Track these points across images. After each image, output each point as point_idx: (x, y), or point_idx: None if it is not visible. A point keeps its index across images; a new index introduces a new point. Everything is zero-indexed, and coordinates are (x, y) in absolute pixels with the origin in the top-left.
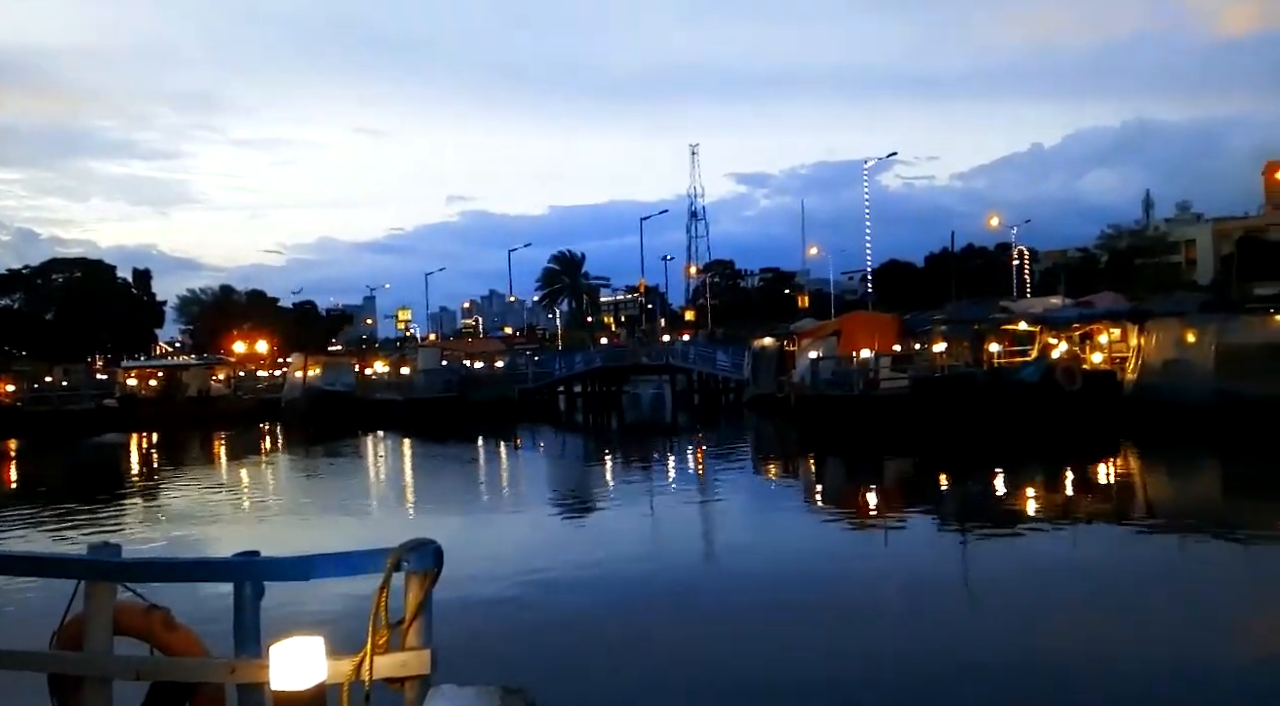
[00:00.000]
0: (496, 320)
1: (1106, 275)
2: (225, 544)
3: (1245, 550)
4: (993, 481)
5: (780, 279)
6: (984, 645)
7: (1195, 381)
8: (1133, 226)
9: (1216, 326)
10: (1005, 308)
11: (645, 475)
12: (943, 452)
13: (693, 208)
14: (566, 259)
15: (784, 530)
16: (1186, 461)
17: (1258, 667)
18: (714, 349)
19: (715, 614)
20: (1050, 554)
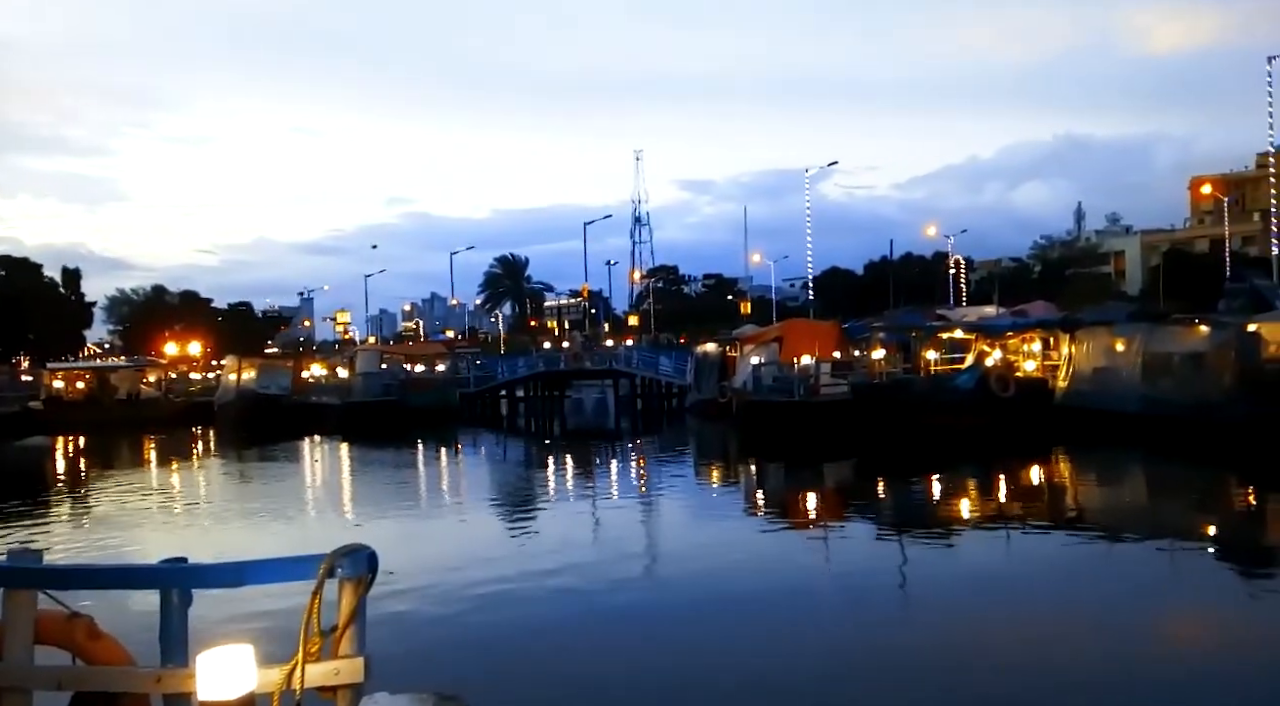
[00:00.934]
0: (438, 323)
1: (1039, 285)
2: (152, 550)
3: (1169, 555)
4: (929, 486)
5: (723, 285)
6: (914, 646)
7: (1123, 389)
8: (1064, 237)
9: (1143, 335)
10: (942, 316)
11: (587, 481)
12: (881, 457)
13: (637, 213)
14: (509, 262)
15: (723, 536)
16: (1113, 466)
17: (1170, 664)
18: (657, 354)
19: (649, 621)
20: (982, 557)
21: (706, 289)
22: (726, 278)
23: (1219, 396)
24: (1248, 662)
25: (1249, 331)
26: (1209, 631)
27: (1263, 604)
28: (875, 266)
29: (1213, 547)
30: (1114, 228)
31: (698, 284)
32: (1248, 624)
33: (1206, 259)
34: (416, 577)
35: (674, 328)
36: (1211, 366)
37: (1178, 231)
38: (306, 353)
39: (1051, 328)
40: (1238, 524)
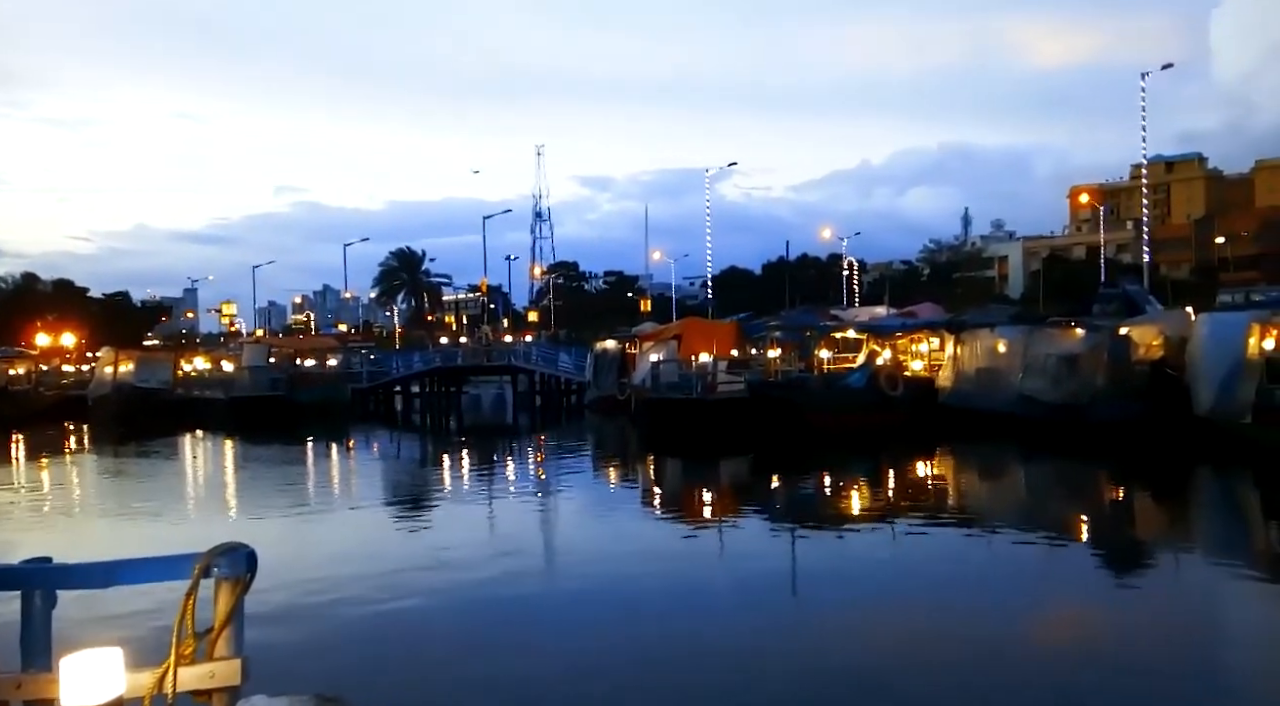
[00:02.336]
0: (330, 317)
1: (928, 287)
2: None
3: (1046, 548)
4: (820, 482)
5: (623, 282)
6: (800, 641)
7: (1004, 388)
8: (952, 242)
9: (1023, 337)
10: (835, 316)
11: (483, 477)
12: (776, 454)
13: (537, 208)
14: (405, 255)
15: (618, 531)
16: (993, 463)
17: (1043, 651)
18: (557, 350)
19: (538, 617)
20: (869, 550)
21: (607, 286)
22: (627, 275)
23: (1092, 396)
24: (1110, 647)
25: (1120, 334)
26: (1075, 619)
27: (1128, 592)
28: (772, 267)
29: (1081, 540)
30: (998, 234)
31: (598, 280)
32: (1113, 611)
33: (1084, 265)
34: (298, 576)
35: (574, 324)
36: (1086, 367)
37: (1057, 238)
38: (189, 345)
39: (938, 329)
40: (1106, 517)
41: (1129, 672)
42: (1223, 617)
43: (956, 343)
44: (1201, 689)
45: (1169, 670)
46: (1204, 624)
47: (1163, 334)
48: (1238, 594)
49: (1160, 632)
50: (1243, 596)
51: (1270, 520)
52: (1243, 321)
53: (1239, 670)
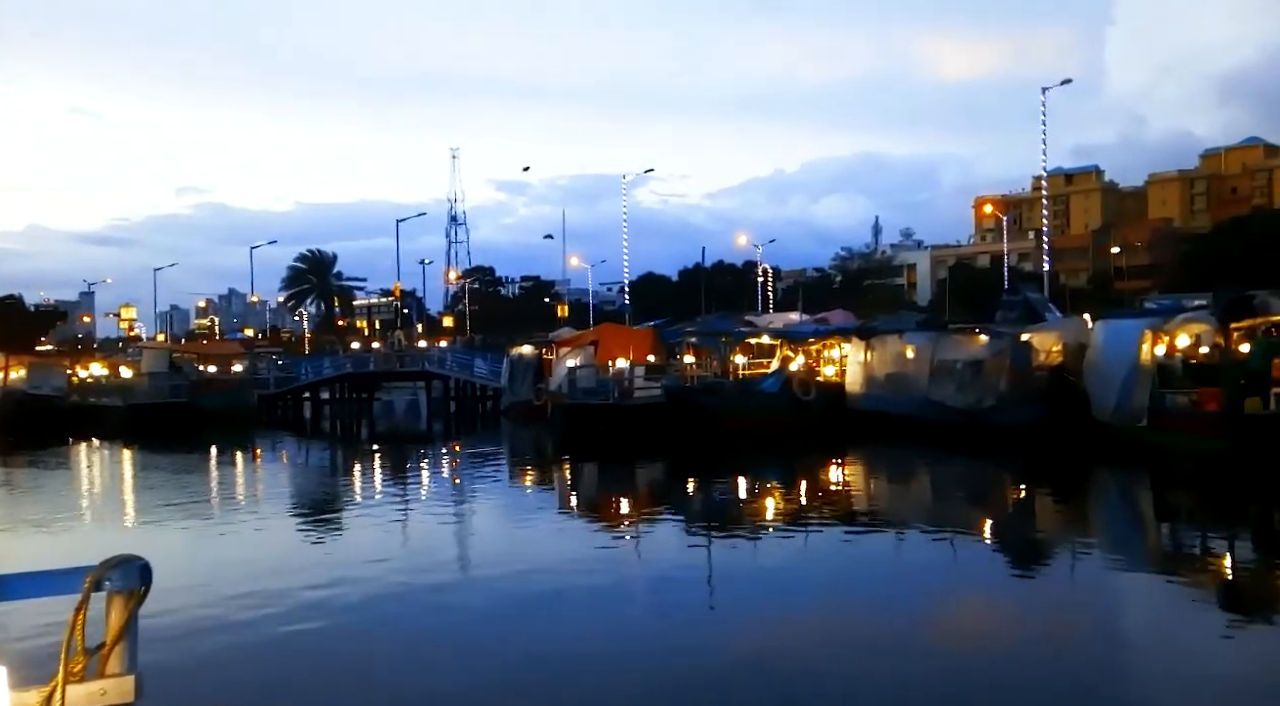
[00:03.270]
0: (236, 321)
1: (840, 294)
2: None
3: (950, 547)
4: (735, 485)
5: (540, 287)
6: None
7: (912, 392)
8: (863, 250)
9: (929, 343)
10: (750, 322)
11: (395, 485)
12: (692, 458)
13: (453, 212)
14: (315, 258)
15: (532, 537)
16: (901, 465)
17: (945, 647)
18: (472, 356)
19: (449, 627)
20: (781, 551)
21: (524, 291)
22: (544, 280)
23: (996, 400)
24: (1012, 644)
25: (1022, 341)
26: (978, 616)
27: (1027, 589)
28: (689, 273)
29: (983, 538)
30: (907, 242)
31: (515, 286)
32: (1012, 607)
33: (988, 273)
34: (196, 587)
35: (490, 329)
36: (989, 373)
37: (963, 247)
38: (86, 350)
39: (849, 335)
40: (1007, 517)
41: (1022, 662)
42: (1113, 609)
43: (866, 348)
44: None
45: (1063, 659)
46: (1096, 616)
47: (1062, 340)
48: (1128, 587)
49: (1056, 624)
50: (1133, 589)
51: (1161, 518)
52: (1137, 328)
53: (1128, 658)
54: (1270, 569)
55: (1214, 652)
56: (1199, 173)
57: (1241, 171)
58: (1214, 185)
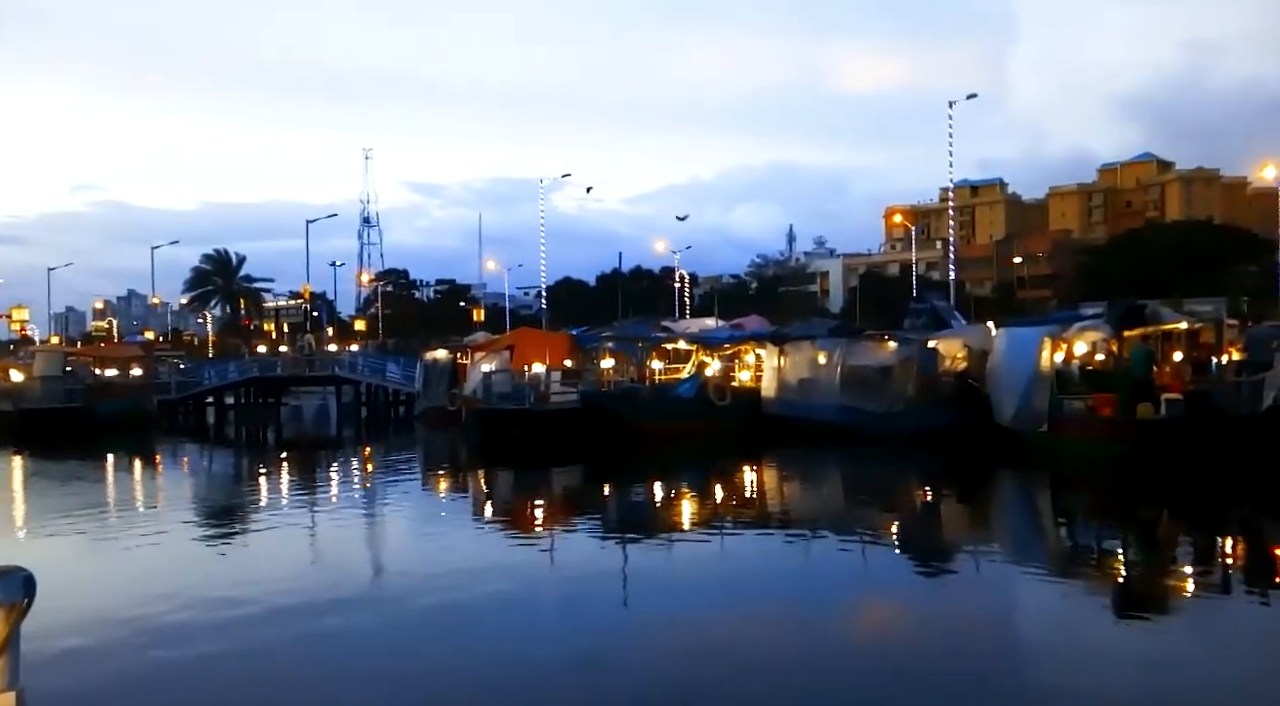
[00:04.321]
0: (136, 323)
1: (755, 300)
2: None
3: (859, 549)
4: (650, 490)
5: (456, 291)
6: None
7: (824, 398)
8: (778, 258)
9: (841, 349)
10: (666, 327)
11: (301, 493)
12: (608, 463)
13: (365, 213)
14: (220, 259)
15: (445, 545)
16: (813, 469)
17: (861, 647)
18: (385, 360)
19: (356, 643)
20: (695, 555)
21: (439, 294)
22: (460, 284)
23: (904, 405)
24: (924, 644)
25: (929, 347)
26: (888, 618)
27: (936, 591)
28: (606, 278)
29: (892, 542)
30: (820, 250)
31: (430, 289)
32: (922, 609)
33: (897, 281)
34: (84, 603)
35: (404, 333)
36: (898, 378)
37: (874, 256)
38: None
39: (764, 340)
40: (913, 520)
41: (927, 655)
42: (1012, 608)
43: (780, 354)
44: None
45: (963, 653)
46: (996, 614)
47: (966, 347)
48: (1024, 584)
49: (958, 620)
50: (1028, 586)
51: (1058, 520)
52: (1036, 336)
53: (1028, 656)
54: (1158, 566)
55: (1103, 642)
56: (1096, 186)
57: (1136, 186)
58: (1110, 198)
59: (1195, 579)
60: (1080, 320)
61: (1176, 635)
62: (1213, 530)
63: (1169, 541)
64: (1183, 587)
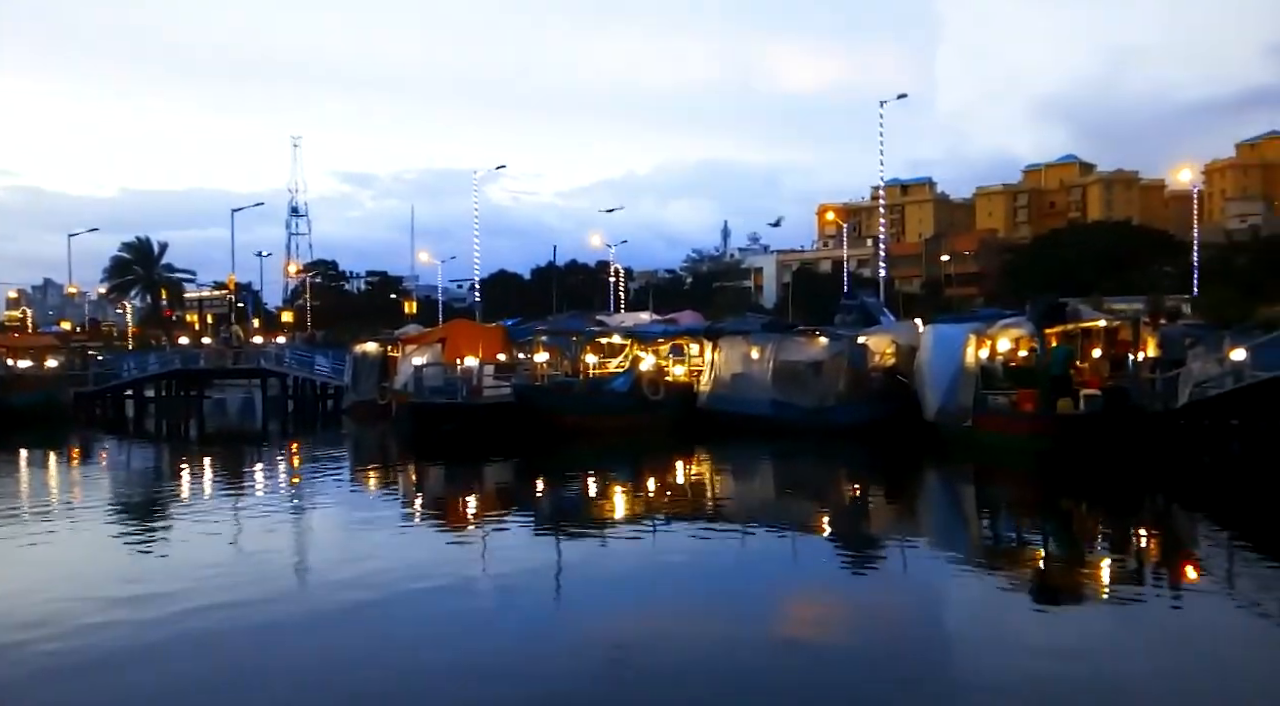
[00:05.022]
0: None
1: (690, 295)
2: None
3: (792, 543)
4: (585, 484)
5: (387, 283)
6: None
7: (756, 393)
8: (712, 253)
9: (773, 345)
10: (601, 321)
11: (223, 489)
12: (541, 457)
13: (294, 203)
14: (141, 247)
15: (373, 540)
16: (745, 463)
17: (785, 635)
18: (313, 352)
19: (279, 641)
20: (625, 550)
21: (369, 286)
22: (391, 275)
23: (835, 400)
24: (849, 636)
25: (859, 343)
26: (814, 610)
27: (861, 583)
28: (541, 271)
29: (821, 535)
30: (754, 246)
31: (360, 281)
32: (847, 601)
33: (829, 278)
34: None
35: (333, 325)
36: (829, 374)
37: (807, 252)
38: None
39: (698, 335)
40: (842, 513)
41: (855, 645)
42: (936, 599)
43: (714, 349)
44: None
45: (892, 644)
46: (921, 602)
47: (895, 343)
48: (950, 578)
49: (885, 611)
50: (951, 577)
51: (981, 513)
52: (962, 333)
53: (948, 638)
54: (1074, 557)
55: (1021, 630)
56: (1021, 187)
57: (1059, 187)
58: (1034, 199)
59: (1110, 569)
60: (1003, 317)
61: (1092, 623)
62: (1127, 522)
63: (1086, 533)
64: (1098, 577)
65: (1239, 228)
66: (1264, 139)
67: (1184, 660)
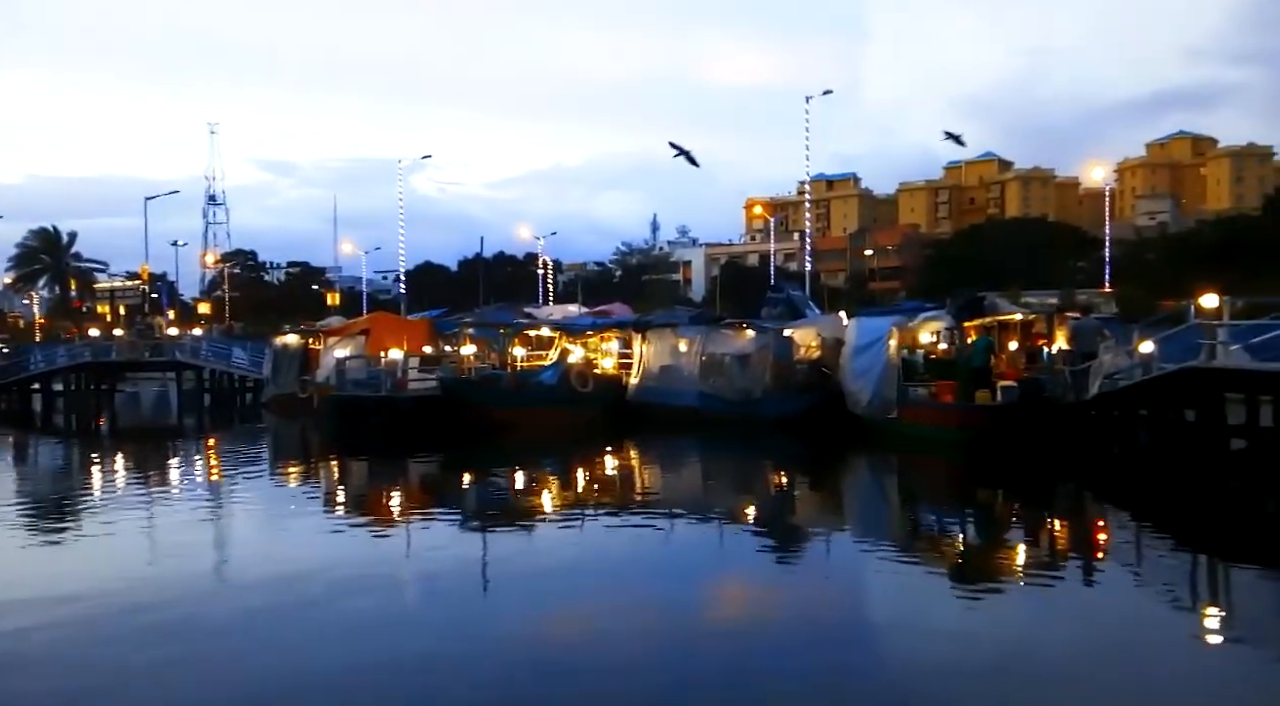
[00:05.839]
0: None
1: (620, 288)
2: None
3: (718, 533)
4: (511, 478)
5: (309, 274)
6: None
7: (685, 385)
8: (642, 246)
9: (701, 337)
10: (530, 314)
11: (133, 485)
12: (468, 451)
13: (211, 191)
14: (48, 235)
15: (295, 538)
16: (673, 455)
17: (719, 630)
18: (231, 345)
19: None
20: (555, 542)
21: (290, 277)
22: (313, 266)
23: (760, 392)
24: (778, 625)
25: (784, 336)
26: (745, 600)
27: (789, 573)
28: (468, 263)
29: (750, 526)
30: (683, 240)
31: (280, 271)
32: (777, 590)
33: (757, 271)
34: None
35: (253, 317)
36: (755, 366)
37: (735, 246)
38: None
39: (626, 328)
40: (769, 504)
41: (782, 633)
42: (859, 583)
43: (643, 341)
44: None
45: (818, 630)
46: (845, 589)
47: (820, 336)
48: (870, 563)
49: (811, 601)
50: (875, 565)
51: (903, 502)
52: (885, 326)
53: (873, 625)
54: (992, 543)
55: (944, 615)
56: (943, 183)
57: (979, 184)
58: (955, 195)
59: (1025, 554)
60: (925, 310)
61: (1006, 605)
62: (1041, 510)
63: (1002, 520)
64: (1013, 562)
65: (1148, 225)
66: (1172, 139)
67: (1092, 639)
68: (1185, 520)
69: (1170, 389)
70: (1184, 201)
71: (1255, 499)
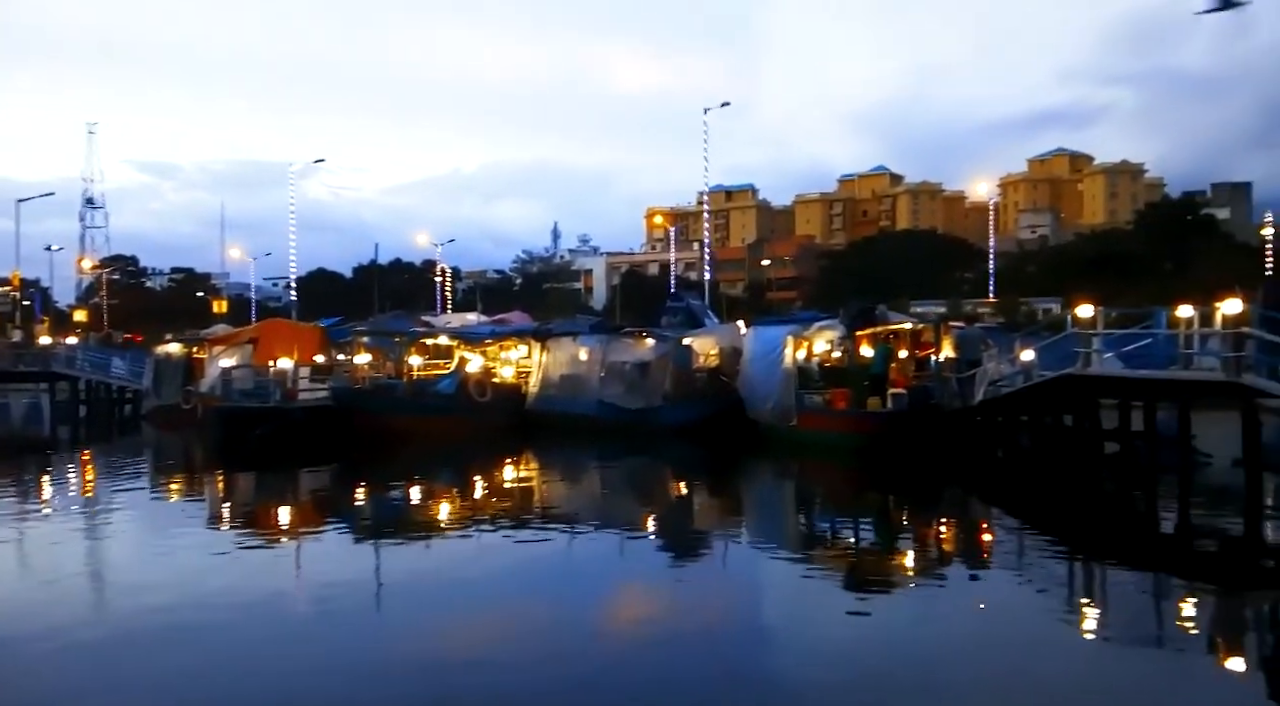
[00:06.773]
0: None
1: (520, 296)
2: None
3: (617, 542)
4: (406, 490)
5: (193, 280)
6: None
7: (585, 394)
8: (543, 254)
9: (601, 346)
10: (427, 322)
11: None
12: (361, 462)
13: (88, 194)
14: None
15: (176, 558)
16: (572, 464)
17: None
18: (109, 354)
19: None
20: (451, 556)
21: (174, 284)
22: (198, 273)
23: (661, 401)
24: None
25: (684, 344)
26: (643, 608)
27: (686, 580)
28: (363, 270)
29: (647, 535)
30: (584, 248)
31: (163, 277)
32: (674, 598)
33: (657, 280)
34: None
35: (134, 325)
36: (655, 374)
37: (636, 255)
38: None
39: (526, 336)
40: (668, 512)
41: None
42: (757, 589)
43: (543, 350)
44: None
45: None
46: (743, 595)
47: (719, 345)
48: (773, 569)
49: (709, 608)
50: (771, 570)
51: (798, 508)
52: (781, 335)
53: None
54: (883, 547)
55: (838, 620)
56: (837, 195)
57: (871, 196)
58: (849, 207)
59: (913, 556)
60: (820, 321)
61: (897, 605)
62: (929, 512)
63: (891, 523)
64: (903, 564)
65: (1030, 238)
66: (1053, 156)
67: (975, 635)
68: (1063, 521)
69: (1049, 395)
70: (1063, 215)
71: (1127, 499)
